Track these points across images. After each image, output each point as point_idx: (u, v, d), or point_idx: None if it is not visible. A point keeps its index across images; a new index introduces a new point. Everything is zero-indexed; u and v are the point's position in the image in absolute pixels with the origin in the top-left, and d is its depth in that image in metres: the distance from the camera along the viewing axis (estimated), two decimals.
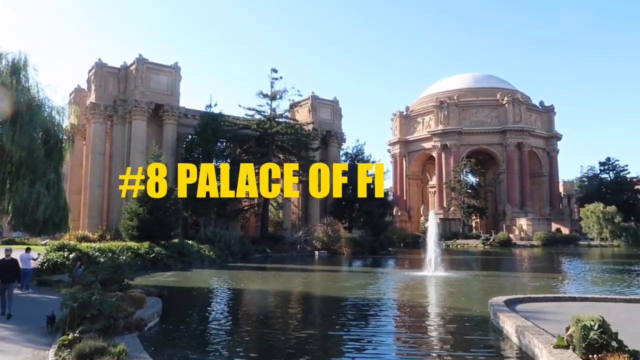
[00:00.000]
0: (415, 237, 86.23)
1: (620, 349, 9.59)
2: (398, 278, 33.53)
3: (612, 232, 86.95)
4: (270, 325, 16.45)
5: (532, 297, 18.49)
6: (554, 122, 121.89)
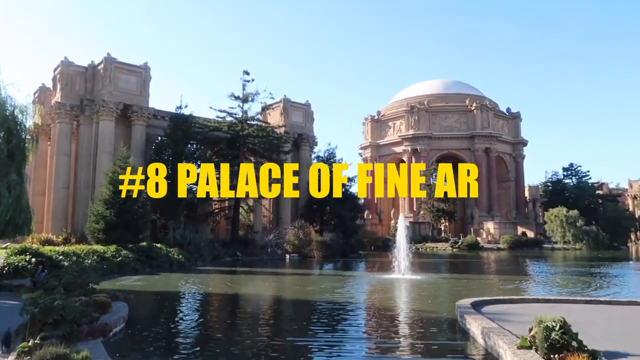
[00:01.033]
0: (385, 240, 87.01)
1: (580, 349, 9.90)
2: (368, 281, 33.73)
3: (575, 235, 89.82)
4: (239, 331, 16.27)
5: (497, 299, 18.89)
6: (520, 128, 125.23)
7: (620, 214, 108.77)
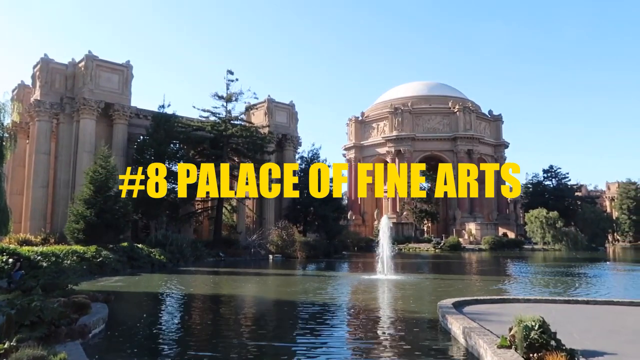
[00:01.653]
0: (369, 240, 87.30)
1: (559, 348, 10.05)
2: (351, 281, 33.80)
3: (554, 236, 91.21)
4: (221, 332, 16.15)
5: (478, 299, 19.08)
6: (501, 130, 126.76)
7: (598, 215, 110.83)
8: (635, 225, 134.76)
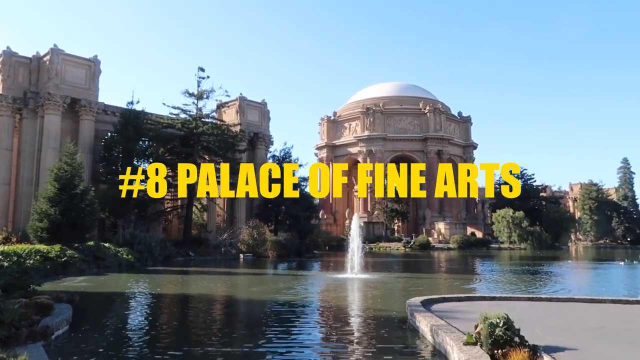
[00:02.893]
0: (340, 239, 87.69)
1: (522, 344, 10.34)
2: (322, 281, 33.90)
3: (520, 235, 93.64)
4: (189, 334, 15.92)
5: (446, 297, 19.42)
6: (470, 131, 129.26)
7: (562, 215, 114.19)
8: (597, 225, 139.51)
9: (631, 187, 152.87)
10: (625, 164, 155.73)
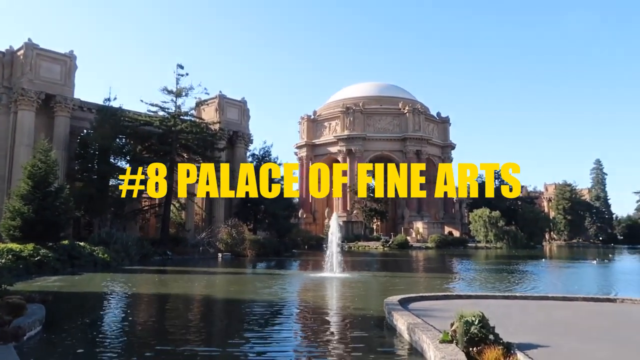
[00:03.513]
0: (319, 239, 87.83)
1: (496, 341, 10.53)
2: (300, 280, 33.92)
3: (496, 235, 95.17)
4: (165, 335, 15.63)
5: (423, 296, 19.63)
6: (449, 132, 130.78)
7: (537, 215, 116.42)
8: (570, 224, 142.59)
9: (603, 188, 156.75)
10: (598, 165, 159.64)
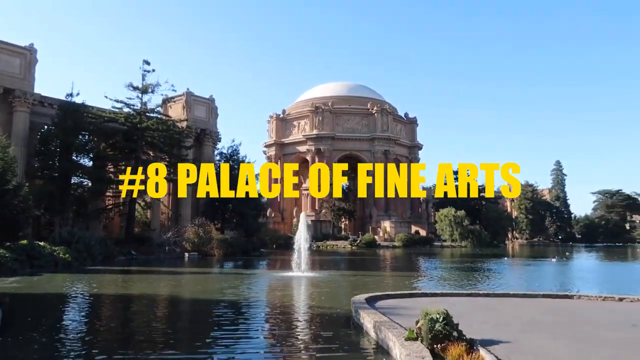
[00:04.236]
0: (288, 238, 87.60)
1: (460, 338, 10.75)
2: (268, 279, 33.78)
3: (461, 234, 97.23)
4: (128, 338, 15.20)
5: (390, 294, 19.84)
6: (416, 132, 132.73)
7: (500, 214, 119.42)
8: (532, 223, 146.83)
9: (563, 188, 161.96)
10: (558, 166, 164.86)
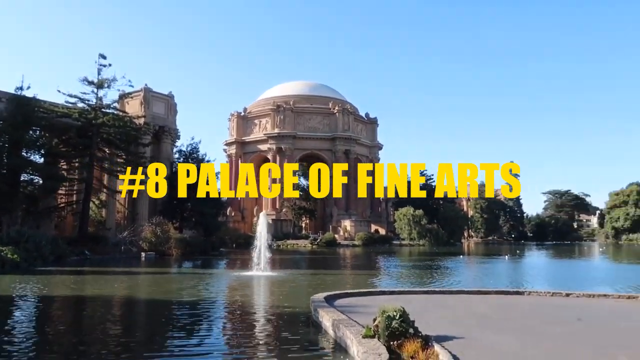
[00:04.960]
0: (248, 237, 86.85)
1: (416, 335, 11.00)
2: (227, 279, 33.43)
3: (419, 232, 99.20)
4: (79, 343, 14.47)
5: (348, 293, 20.04)
6: (377, 132, 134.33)
7: (457, 214, 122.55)
8: (487, 222, 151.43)
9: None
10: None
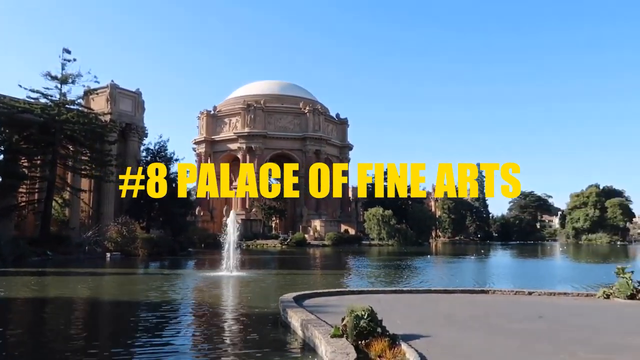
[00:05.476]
0: (217, 237, 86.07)
1: (383, 334, 11.12)
2: (195, 279, 33.01)
3: (388, 232, 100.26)
4: (39, 347, 14.11)
5: (317, 293, 20.09)
6: (347, 133, 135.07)
7: (425, 214, 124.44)
8: (454, 223, 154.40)
9: (482, 190, 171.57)
10: (477, 168, 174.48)
